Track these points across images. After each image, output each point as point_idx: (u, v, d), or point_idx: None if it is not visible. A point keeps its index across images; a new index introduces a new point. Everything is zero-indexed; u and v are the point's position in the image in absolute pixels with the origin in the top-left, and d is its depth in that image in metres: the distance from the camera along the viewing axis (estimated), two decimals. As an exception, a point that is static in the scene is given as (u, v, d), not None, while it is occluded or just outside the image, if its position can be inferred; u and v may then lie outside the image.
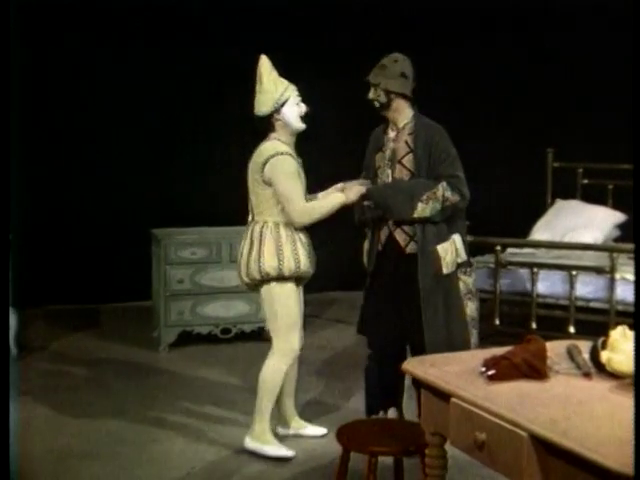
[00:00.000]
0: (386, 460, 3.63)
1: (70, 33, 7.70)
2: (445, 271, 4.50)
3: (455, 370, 2.89)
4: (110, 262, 7.80)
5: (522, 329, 5.98)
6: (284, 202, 4.45)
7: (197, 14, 7.88)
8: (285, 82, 4.60)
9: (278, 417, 4.85)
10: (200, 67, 7.89)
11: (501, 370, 2.76)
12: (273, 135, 4.59)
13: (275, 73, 4.60)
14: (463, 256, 4.60)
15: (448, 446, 2.88)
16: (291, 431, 4.87)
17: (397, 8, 8.10)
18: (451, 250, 4.52)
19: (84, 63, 7.81)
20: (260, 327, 6.76)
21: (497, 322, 6.27)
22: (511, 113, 8.26)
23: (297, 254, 4.50)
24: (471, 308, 4.63)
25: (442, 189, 4.45)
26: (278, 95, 4.53)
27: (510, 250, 6.72)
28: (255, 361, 5.02)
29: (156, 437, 4.91)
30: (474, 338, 4.65)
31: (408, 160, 4.55)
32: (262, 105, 4.55)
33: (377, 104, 4.59)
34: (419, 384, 4.37)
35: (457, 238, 4.59)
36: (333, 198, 4.51)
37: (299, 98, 4.59)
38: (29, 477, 4.32)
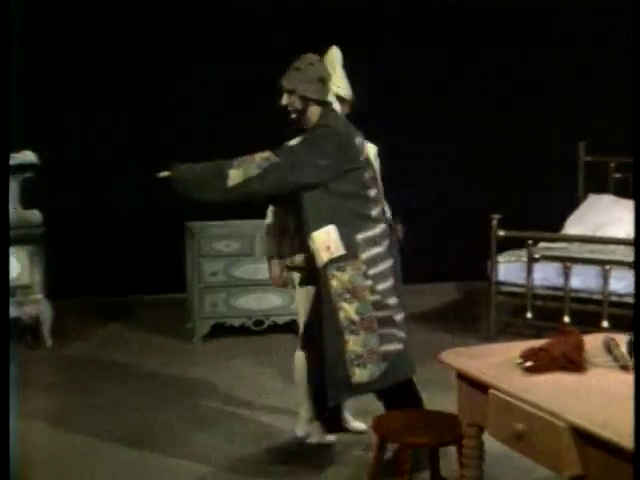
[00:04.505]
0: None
1: (104, 27, 7.81)
2: (317, 264, 4.09)
3: (493, 362, 2.91)
4: (145, 255, 7.87)
5: (555, 323, 6.00)
6: None
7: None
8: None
9: None
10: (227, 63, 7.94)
11: (539, 362, 2.78)
12: None
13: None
14: (338, 250, 4.05)
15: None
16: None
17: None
18: (317, 240, 4.07)
19: (115, 55, 7.90)
20: (292, 319, 6.82)
21: (529, 316, 6.29)
22: (543, 107, 8.26)
23: None
24: (347, 310, 4.02)
25: (265, 154, 4.07)
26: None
27: (543, 244, 6.72)
28: (287, 352, 5.08)
29: (192, 427, 4.97)
30: (358, 345, 4.00)
31: None
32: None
33: (292, 111, 4.21)
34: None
35: (329, 229, 4.06)
36: None
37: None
38: (60, 464, 4.42)
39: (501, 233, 6.28)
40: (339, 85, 4.44)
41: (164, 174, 4.17)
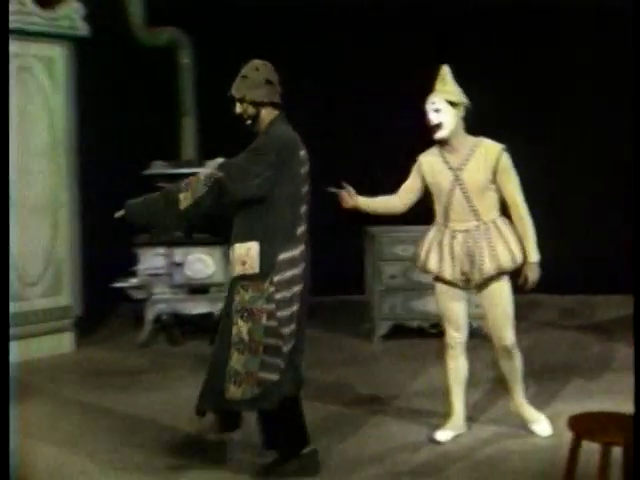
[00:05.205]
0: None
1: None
2: (231, 275, 4.25)
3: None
4: (326, 258, 8.21)
5: None
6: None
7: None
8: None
9: None
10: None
11: None
12: None
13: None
14: (254, 268, 4.14)
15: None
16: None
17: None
18: (232, 256, 4.21)
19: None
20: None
21: None
22: None
23: (429, 253, 4.82)
24: (240, 327, 4.14)
25: (208, 171, 4.19)
26: None
27: None
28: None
29: (376, 420, 5.21)
30: (241, 363, 4.14)
31: None
32: None
33: (247, 118, 4.30)
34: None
35: (250, 245, 4.15)
36: None
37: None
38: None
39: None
40: (449, 91, 4.68)
41: (119, 214, 4.27)
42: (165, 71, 7.27)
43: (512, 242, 4.71)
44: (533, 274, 4.68)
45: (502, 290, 4.79)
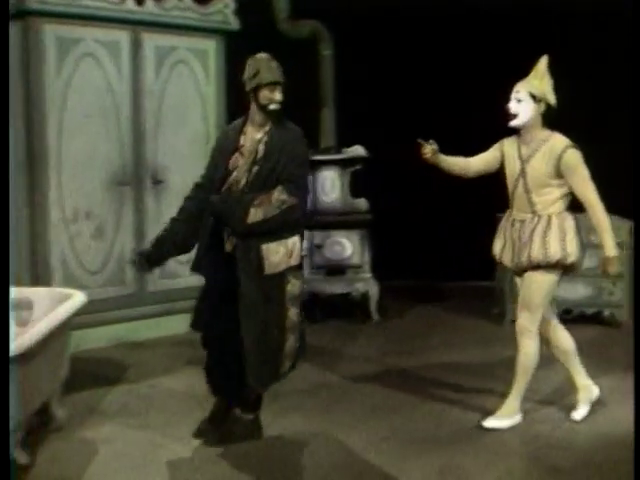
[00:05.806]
0: None
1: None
2: (267, 271, 4.38)
3: None
4: (458, 244, 8.47)
5: None
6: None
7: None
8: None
9: None
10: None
11: None
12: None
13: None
14: (297, 259, 4.47)
15: None
16: None
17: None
18: (278, 251, 4.39)
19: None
20: (599, 310, 7.15)
21: None
22: None
23: (497, 239, 5.01)
24: (293, 313, 4.48)
25: (277, 193, 4.35)
26: None
27: None
28: (590, 343, 5.39)
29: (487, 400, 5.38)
30: (292, 342, 4.50)
31: (265, 160, 4.47)
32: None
33: (279, 106, 4.49)
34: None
35: (295, 239, 4.46)
36: None
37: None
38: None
39: None
40: (534, 85, 4.75)
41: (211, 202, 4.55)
42: (307, 63, 7.60)
43: (553, 239, 4.71)
44: (611, 267, 4.71)
45: (533, 280, 4.84)
